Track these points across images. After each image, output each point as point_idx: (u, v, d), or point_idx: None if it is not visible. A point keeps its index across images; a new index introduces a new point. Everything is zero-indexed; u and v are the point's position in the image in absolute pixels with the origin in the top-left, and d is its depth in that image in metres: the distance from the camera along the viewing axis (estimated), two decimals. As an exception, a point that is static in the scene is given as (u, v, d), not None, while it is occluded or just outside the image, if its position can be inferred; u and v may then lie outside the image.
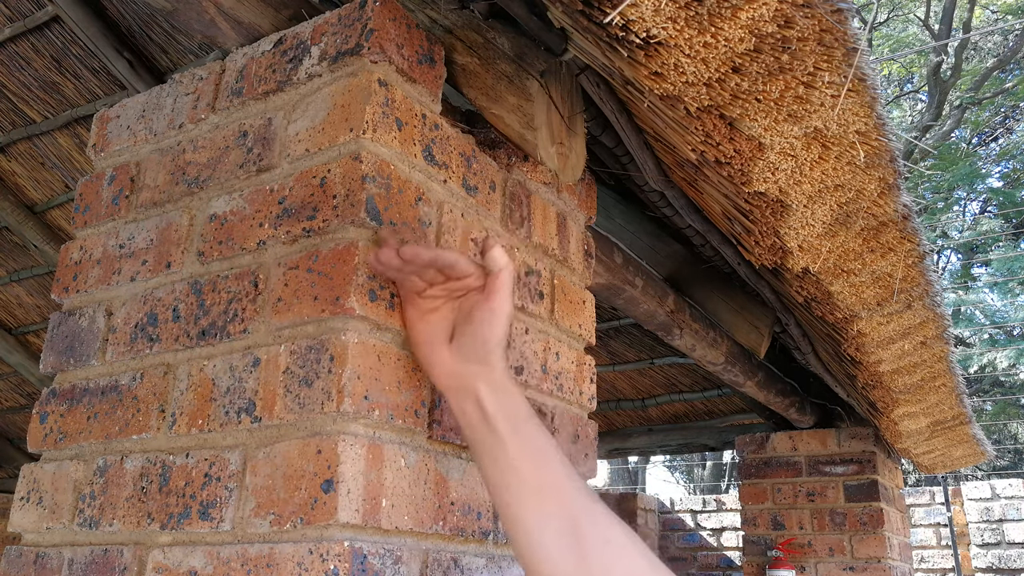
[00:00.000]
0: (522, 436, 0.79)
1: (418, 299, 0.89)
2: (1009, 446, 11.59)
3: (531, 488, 0.75)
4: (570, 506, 0.74)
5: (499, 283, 0.84)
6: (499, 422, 0.79)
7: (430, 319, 0.88)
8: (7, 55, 2.22)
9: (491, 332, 0.83)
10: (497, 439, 0.79)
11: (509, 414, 0.80)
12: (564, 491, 0.75)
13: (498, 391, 0.82)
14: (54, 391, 1.11)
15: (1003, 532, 5.59)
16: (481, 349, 0.84)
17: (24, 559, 1.04)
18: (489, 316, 0.84)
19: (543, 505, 0.74)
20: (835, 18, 0.97)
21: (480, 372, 0.83)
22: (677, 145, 1.26)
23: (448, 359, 0.85)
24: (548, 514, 0.73)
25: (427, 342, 0.87)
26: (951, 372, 2.41)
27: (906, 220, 1.52)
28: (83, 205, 1.21)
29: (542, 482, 0.75)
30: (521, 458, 0.77)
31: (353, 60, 0.97)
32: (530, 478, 0.76)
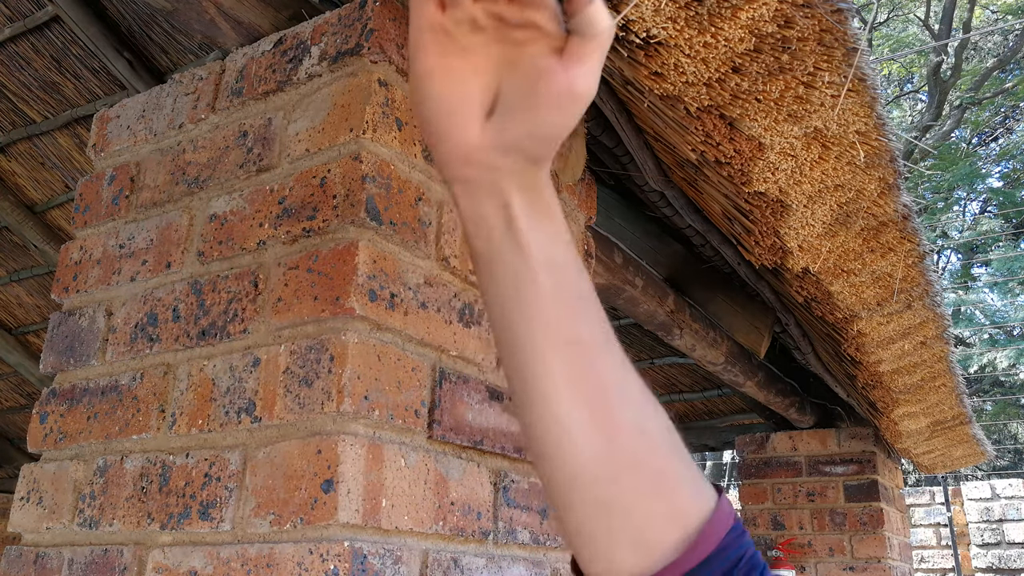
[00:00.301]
0: (559, 271, 0.56)
1: (446, 25, 0.54)
2: (1009, 446, 11.59)
3: (561, 340, 0.55)
4: (606, 375, 0.55)
5: (589, 51, 0.53)
6: (532, 244, 0.56)
7: (459, 67, 0.56)
8: (7, 55, 2.22)
9: (557, 119, 0.54)
10: (525, 265, 0.56)
11: (547, 237, 0.57)
12: (601, 353, 0.56)
13: (537, 204, 0.57)
14: (54, 391, 1.11)
15: (1003, 532, 5.59)
16: (536, 142, 0.55)
17: (24, 559, 1.04)
18: (561, 95, 0.53)
19: (573, 365, 0.55)
20: (835, 18, 0.97)
21: (521, 171, 0.56)
22: (677, 145, 1.26)
23: (477, 137, 0.56)
24: (577, 378, 0.55)
25: (445, 102, 0.56)
26: (951, 372, 2.41)
27: (906, 220, 1.52)
28: (83, 205, 1.21)
29: (576, 335, 0.56)
30: (554, 298, 0.56)
31: (353, 60, 0.97)
32: (562, 327, 0.55)
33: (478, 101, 0.56)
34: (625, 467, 0.54)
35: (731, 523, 0.55)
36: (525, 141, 0.55)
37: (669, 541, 0.54)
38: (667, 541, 0.54)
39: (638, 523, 0.54)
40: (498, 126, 0.55)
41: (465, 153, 0.56)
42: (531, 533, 1.08)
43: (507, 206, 0.56)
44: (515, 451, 1.09)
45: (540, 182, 0.57)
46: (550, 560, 1.11)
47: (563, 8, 0.53)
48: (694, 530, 0.54)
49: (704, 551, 0.53)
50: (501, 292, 0.57)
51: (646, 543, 0.54)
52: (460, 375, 1.01)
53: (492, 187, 0.56)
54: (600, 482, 0.55)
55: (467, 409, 1.01)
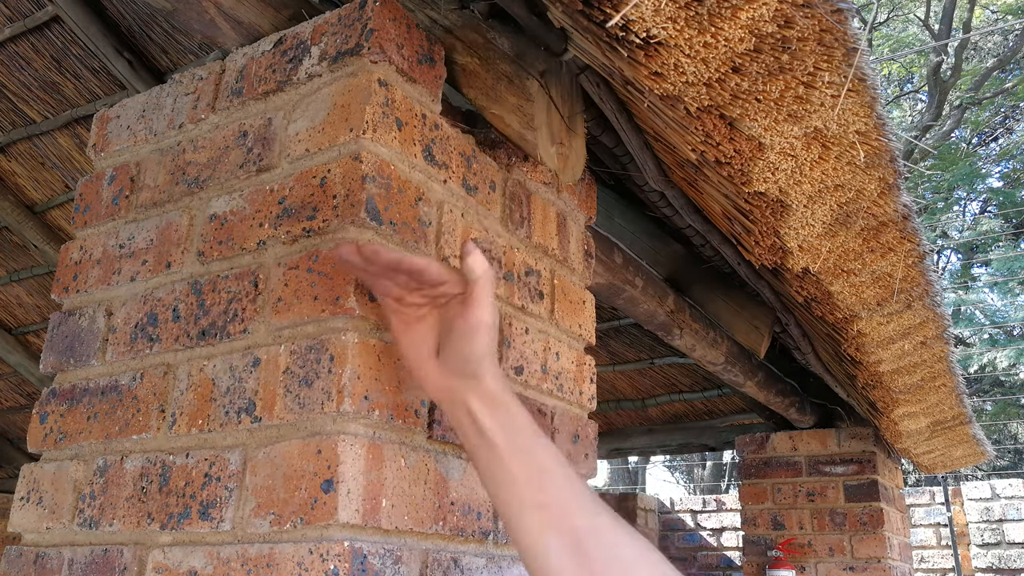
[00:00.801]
0: (520, 451, 0.75)
1: (401, 307, 0.83)
2: (1009, 446, 11.59)
3: (531, 505, 0.72)
4: (573, 523, 0.70)
5: (477, 294, 0.78)
6: (496, 436, 0.76)
7: (415, 329, 0.83)
8: (7, 55, 2.22)
9: (472, 347, 0.77)
10: (495, 455, 0.75)
11: (506, 428, 0.76)
12: (566, 508, 0.72)
13: (491, 405, 0.77)
14: (54, 391, 1.11)
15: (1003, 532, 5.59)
16: (464, 364, 0.78)
17: (24, 559, 1.04)
18: (468, 330, 0.78)
19: (544, 523, 0.71)
20: (835, 18, 0.97)
21: (469, 386, 0.78)
22: (677, 145, 1.26)
23: (435, 373, 0.81)
24: (550, 532, 0.70)
25: (414, 355, 0.83)
26: (951, 372, 2.41)
27: (906, 220, 1.52)
28: (83, 205, 1.21)
29: (543, 499, 0.72)
30: (520, 474, 0.74)
31: (353, 60, 0.97)
32: (530, 495, 0.73)
33: (430, 347, 0.82)
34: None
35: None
36: (456, 364, 0.79)
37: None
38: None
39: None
40: (442, 359, 0.81)
41: (431, 383, 0.82)
42: (531, 533, 1.08)
43: (470, 411, 0.78)
44: (515, 451, 1.09)
45: (484, 388, 0.78)
46: (550, 560, 1.11)
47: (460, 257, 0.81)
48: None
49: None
50: (484, 473, 0.77)
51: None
52: (460, 375, 1.01)
53: (455, 400, 0.79)
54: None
55: (467, 409, 1.01)
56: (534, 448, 0.76)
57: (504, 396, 0.78)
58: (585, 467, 1.25)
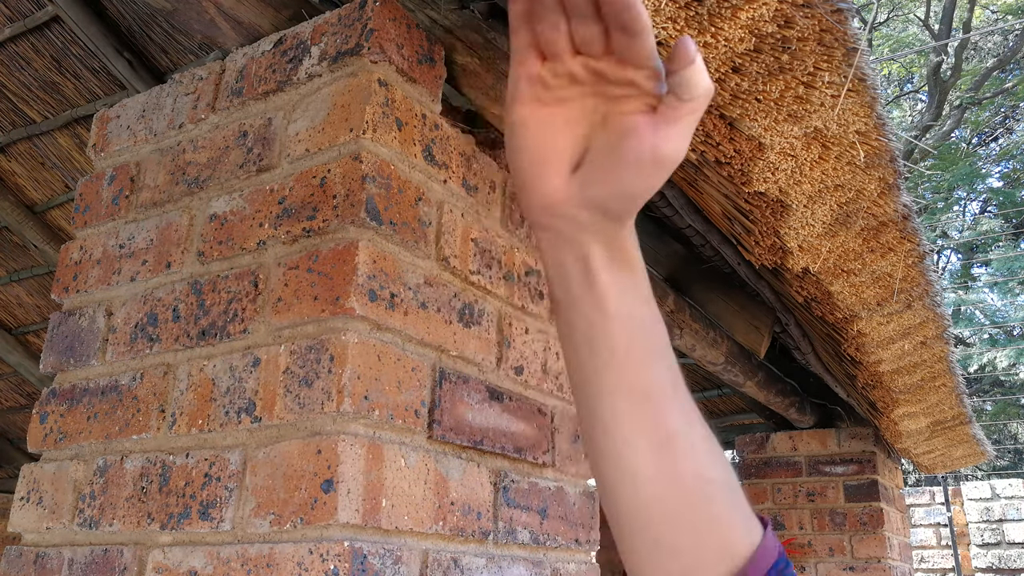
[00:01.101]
0: (634, 325, 0.58)
1: (543, 75, 0.55)
2: (1009, 446, 11.60)
3: (631, 391, 0.58)
4: (672, 425, 0.58)
5: (686, 114, 0.52)
6: (609, 298, 0.58)
7: (548, 115, 0.56)
8: (7, 55, 2.22)
9: (646, 183, 0.54)
10: (601, 318, 0.58)
11: (625, 292, 0.58)
12: (668, 404, 0.58)
13: (618, 260, 0.58)
14: (54, 391, 1.11)
15: (1003, 532, 5.59)
16: (617, 201, 0.55)
17: (24, 559, 1.04)
18: (648, 158, 0.53)
19: (640, 415, 0.58)
20: (835, 18, 0.97)
21: (604, 227, 0.57)
22: (677, 145, 1.26)
23: (561, 190, 0.56)
24: (643, 427, 0.58)
25: (538, 152, 0.56)
26: (951, 372, 2.41)
27: (906, 220, 1.52)
28: (83, 205, 1.21)
29: (646, 388, 0.58)
30: (627, 352, 0.58)
31: (353, 60, 0.97)
32: (632, 379, 0.58)
33: (567, 154, 0.56)
34: (683, 511, 0.58)
35: (775, 557, 0.59)
36: (605, 199, 0.55)
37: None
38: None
39: (689, 562, 0.59)
40: (581, 181, 0.55)
41: (549, 203, 0.57)
42: (531, 533, 1.08)
43: (586, 258, 0.58)
44: (515, 451, 1.09)
45: (621, 237, 0.58)
46: (550, 560, 1.11)
47: (665, 66, 0.51)
48: (740, 565, 0.58)
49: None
50: (576, 340, 0.59)
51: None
52: (460, 375, 1.01)
53: (572, 238, 0.57)
54: (658, 523, 0.58)
55: (467, 409, 1.01)
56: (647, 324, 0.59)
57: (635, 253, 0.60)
58: (585, 467, 1.25)
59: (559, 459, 1.18)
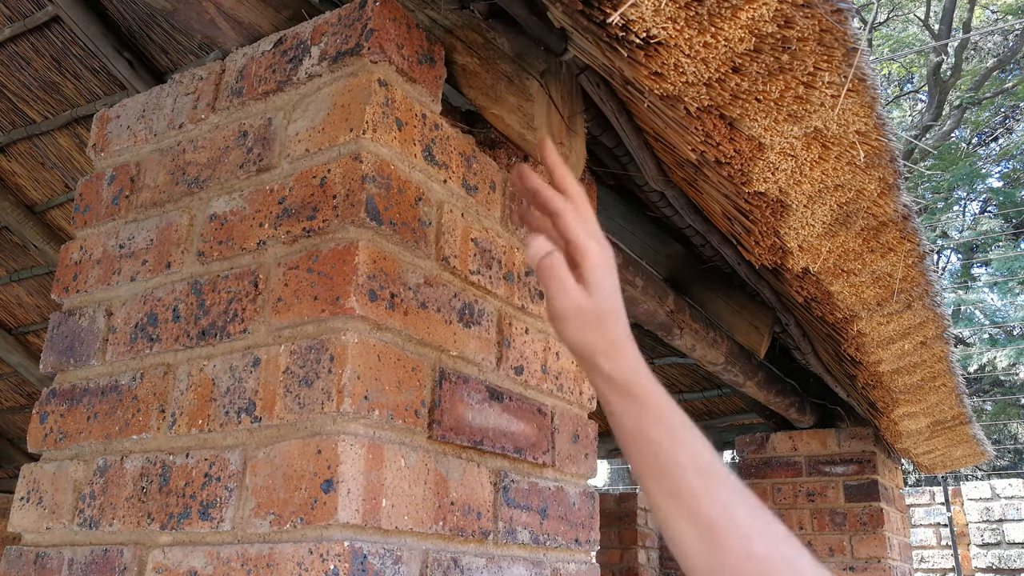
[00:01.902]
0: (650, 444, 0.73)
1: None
2: (1009, 446, 11.59)
3: (665, 492, 0.70)
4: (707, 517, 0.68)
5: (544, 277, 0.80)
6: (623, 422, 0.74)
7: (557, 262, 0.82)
8: (7, 55, 2.22)
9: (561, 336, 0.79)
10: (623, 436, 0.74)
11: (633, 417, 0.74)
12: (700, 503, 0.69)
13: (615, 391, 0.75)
14: (54, 391, 1.11)
15: (1003, 532, 5.59)
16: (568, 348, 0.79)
17: (24, 559, 1.04)
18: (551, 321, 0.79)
19: (679, 511, 0.69)
20: (835, 18, 0.97)
21: (587, 365, 0.77)
22: (677, 145, 1.26)
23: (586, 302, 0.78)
24: (684, 519, 0.69)
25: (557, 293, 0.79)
26: (951, 372, 2.41)
27: (906, 220, 1.52)
28: (83, 205, 1.21)
29: (675, 491, 0.70)
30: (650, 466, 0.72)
31: (353, 60, 0.97)
32: (662, 485, 0.71)
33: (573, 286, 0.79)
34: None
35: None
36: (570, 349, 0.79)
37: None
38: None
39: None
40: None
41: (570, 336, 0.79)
42: (531, 533, 1.08)
43: (594, 383, 0.77)
44: (515, 451, 1.09)
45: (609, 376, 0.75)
46: (550, 560, 1.11)
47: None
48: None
49: None
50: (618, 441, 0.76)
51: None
52: (460, 375, 1.01)
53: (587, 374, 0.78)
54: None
55: (467, 409, 1.01)
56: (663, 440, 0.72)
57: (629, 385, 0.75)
58: (585, 467, 1.25)
59: (559, 459, 1.18)
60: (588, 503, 1.22)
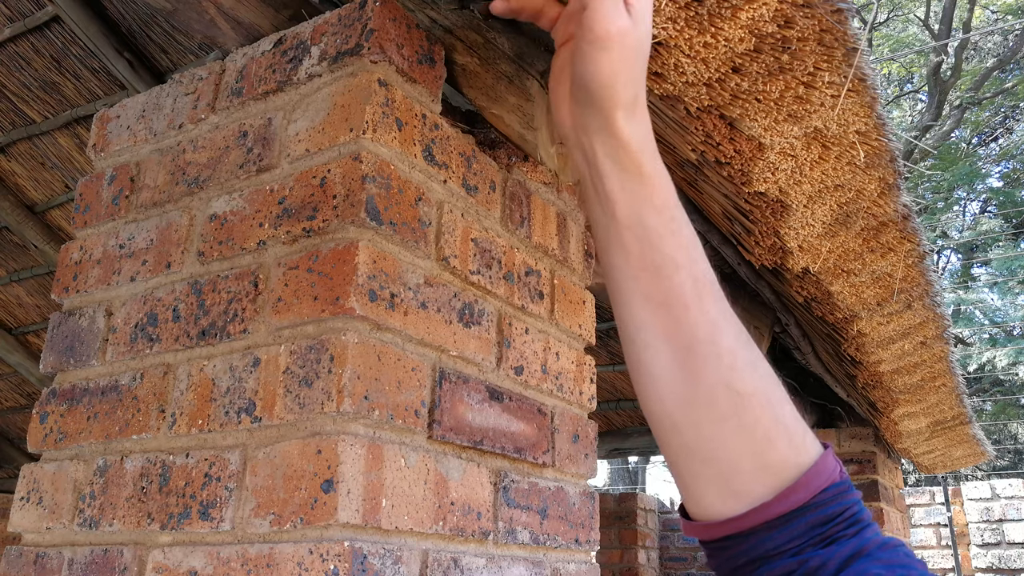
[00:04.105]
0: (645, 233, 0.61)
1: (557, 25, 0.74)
2: (1009, 446, 11.60)
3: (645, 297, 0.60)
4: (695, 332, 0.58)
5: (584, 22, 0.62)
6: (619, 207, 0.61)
7: (557, 63, 0.72)
8: (7, 55, 2.22)
9: (588, 67, 0.61)
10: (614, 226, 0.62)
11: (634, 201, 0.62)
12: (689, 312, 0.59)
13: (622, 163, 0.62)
14: (54, 391, 1.11)
15: (1003, 532, 5.59)
16: (584, 92, 0.63)
17: (24, 559, 1.04)
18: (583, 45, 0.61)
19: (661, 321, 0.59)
20: (835, 18, 0.97)
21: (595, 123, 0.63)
22: (677, 145, 1.26)
23: (568, 105, 0.68)
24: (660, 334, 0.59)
25: (553, 97, 0.71)
26: (951, 372, 2.41)
27: (906, 220, 1.52)
28: (83, 205, 1.21)
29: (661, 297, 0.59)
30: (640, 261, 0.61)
31: (353, 60, 0.97)
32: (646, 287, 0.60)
33: (565, 75, 0.69)
34: (710, 419, 0.58)
35: (833, 479, 0.58)
36: (577, 91, 0.64)
37: (757, 490, 0.58)
38: (755, 490, 0.58)
39: (723, 471, 0.58)
40: (572, 96, 0.66)
41: (562, 123, 0.69)
42: (531, 533, 1.08)
43: (592, 155, 0.63)
44: (515, 451, 1.09)
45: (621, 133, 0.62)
46: (550, 560, 1.11)
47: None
48: (787, 481, 0.57)
49: (796, 501, 0.56)
50: (598, 245, 0.65)
51: (732, 490, 0.58)
52: (460, 375, 1.01)
53: (579, 141, 0.65)
54: (684, 429, 0.59)
55: (467, 409, 1.01)
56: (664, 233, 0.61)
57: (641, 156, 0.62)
58: (585, 467, 1.25)
59: (559, 459, 1.18)
60: (588, 503, 1.22)
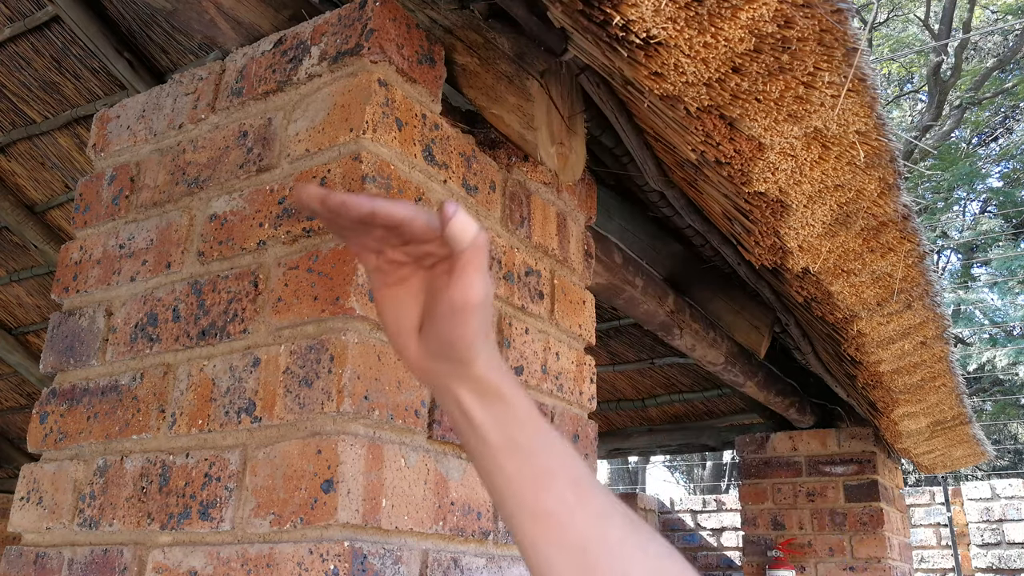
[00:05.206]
0: (519, 450, 0.63)
1: (383, 264, 0.67)
2: (1009, 446, 11.59)
3: (531, 513, 0.62)
4: (580, 536, 0.61)
5: (463, 265, 0.60)
6: (489, 432, 0.64)
7: (395, 294, 0.67)
8: (7, 55, 2.22)
9: (456, 331, 0.62)
10: (488, 452, 0.64)
11: (500, 422, 0.64)
12: (572, 517, 0.61)
13: (483, 395, 0.64)
14: (54, 391, 1.11)
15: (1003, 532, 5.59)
16: (448, 349, 0.63)
17: (24, 559, 1.04)
18: (451, 310, 0.62)
19: (546, 534, 0.61)
20: (835, 18, 0.97)
21: (456, 372, 0.64)
22: (677, 145, 1.26)
23: (415, 352, 0.67)
24: (552, 545, 0.61)
25: (392, 325, 0.67)
26: (951, 372, 2.41)
27: (906, 220, 1.52)
28: (83, 205, 1.21)
29: (545, 507, 0.62)
30: (517, 476, 0.63)
31: (353, 60, 0.97)
32: (530, 501, 0.62)
33: (413, 319, 0.67)
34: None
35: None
36: (437, 350, 0.64)
37: None
38: None
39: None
40: (423, 339, 0.66)
41: (412, 364, 0.67)
42: (531, 533, 1.08)
43: (457, 400, 0.64)
44: (515, 451, 1.09)
45: (477, 376, 0.64)
46: (550, 560, 1.11)
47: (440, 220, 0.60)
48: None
49: None
50: (480, 470, 0.65)
51: None
52: (460, 375, 1.01)
53: (440, 386, 0.65)
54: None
55: (467, 409, 1.01)
56: (535, 446, 0.64)
57: (500, 385, 0.65)
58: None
59: (559, 459, 1.18)
60: (588, 503, 1.22)
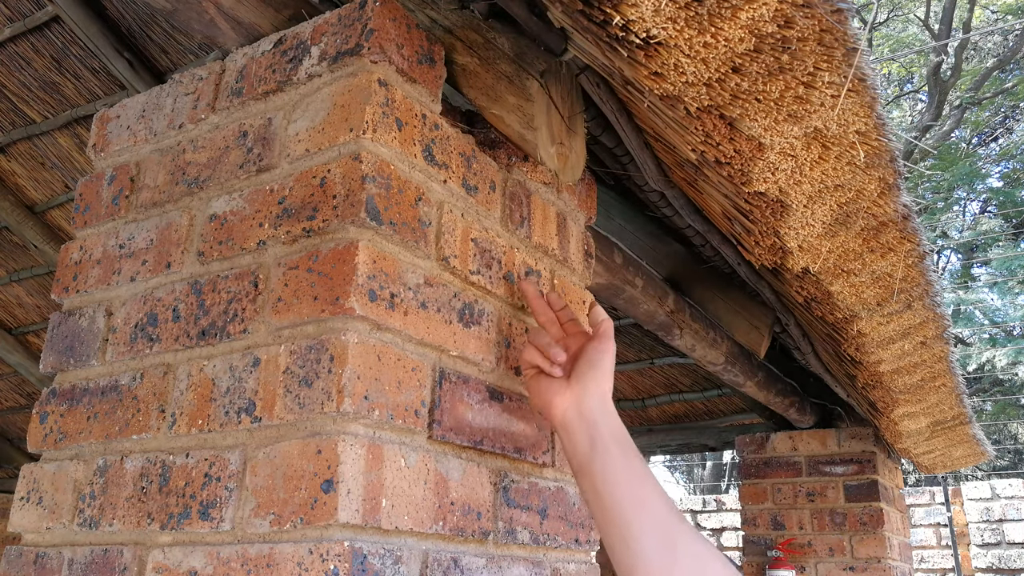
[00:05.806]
0: (629, 457, 0.92)
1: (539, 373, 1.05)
2: (1009, 446, 11.59)
3: (635, 500, 0.88)
4: (666, 519, 0.86)
5: (605, 328, 1.05)
6: (610, 443, 0.93)
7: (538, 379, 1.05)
8: (7, 55, 2.22)
9: (600, 356, 1.02)
10: (609, 456, 0.92)
11: (619, 436, 0.94)
12: (662, 506, 0.88)
13: (608, 414, 0.97)
14: (54, 391, 1.11)
15: (1003, 532, 5.59)
16: (588, 368, 1.00)
17: (24, 559, 1.04)
18: (597, 349, 1.02)
19: (645, 515, 0.86)
20: (835, 18, 0.97)
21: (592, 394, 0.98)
22: (677, 145, 1.26)
23: (560, 401, 0.99)
24: (649, 523, 0.86)
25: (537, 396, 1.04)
26: (951, 372, 2.41)
27: (906, 220, 1.52)
28: (83, 205, 1.21)
29: (644, 497, 0.88)
30: (629, 474, 0.91)
31: (353, 60, 0.97)
32: (634, 492, 0.89)
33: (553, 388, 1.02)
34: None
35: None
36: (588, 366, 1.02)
37: None
38: None
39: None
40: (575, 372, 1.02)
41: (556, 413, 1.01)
42: (531, 533, 1.08)
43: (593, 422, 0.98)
44: (515, 451, 1.09)
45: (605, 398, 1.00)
46: (550, 560, 1.11)
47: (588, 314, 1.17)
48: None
49: None
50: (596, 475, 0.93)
51: None
52: (460, 375, 1.01)
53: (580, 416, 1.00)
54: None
55: (467, 409, 1.01)
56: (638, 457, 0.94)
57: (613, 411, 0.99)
58: (585, 467, 1.25)
59: (559, 459, 1.18)
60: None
